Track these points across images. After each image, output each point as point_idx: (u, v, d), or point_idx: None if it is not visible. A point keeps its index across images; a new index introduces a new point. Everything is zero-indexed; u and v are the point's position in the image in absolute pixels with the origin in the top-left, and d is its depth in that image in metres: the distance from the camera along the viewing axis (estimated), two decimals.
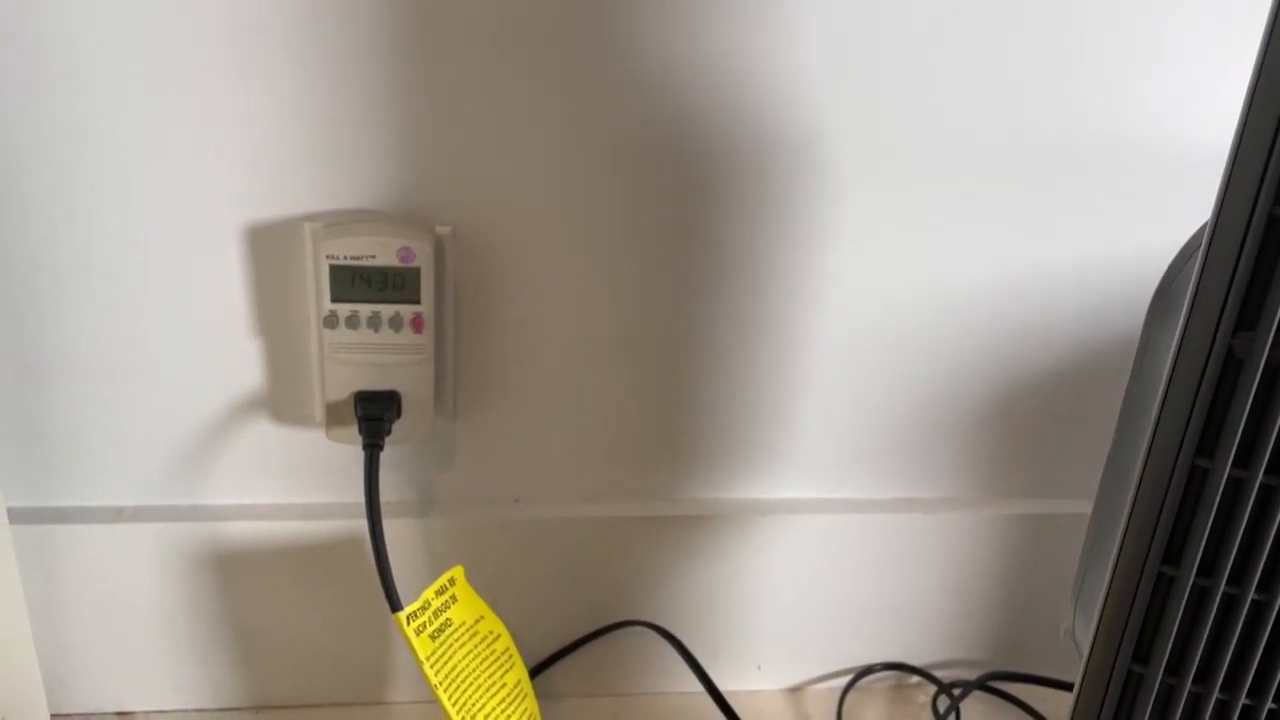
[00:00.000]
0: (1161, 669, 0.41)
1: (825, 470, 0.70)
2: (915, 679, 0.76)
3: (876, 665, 0.75)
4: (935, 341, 0.67)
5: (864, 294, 0.65)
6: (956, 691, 0.73)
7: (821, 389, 0.67)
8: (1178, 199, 0.64)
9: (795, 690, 0.75)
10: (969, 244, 0.64)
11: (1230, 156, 0.35)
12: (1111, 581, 0.41)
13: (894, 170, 0.62)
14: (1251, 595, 0.38)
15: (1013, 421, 0.70)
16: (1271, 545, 0.38)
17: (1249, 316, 0.35)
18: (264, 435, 0.64)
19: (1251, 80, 0.34)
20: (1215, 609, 0.39)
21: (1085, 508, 0.72)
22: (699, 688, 0.70)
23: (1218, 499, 0.38)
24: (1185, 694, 0.41)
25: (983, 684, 0.74)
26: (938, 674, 0.75)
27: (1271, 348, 0.35)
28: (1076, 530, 0.72)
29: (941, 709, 0.73)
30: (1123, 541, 0.40)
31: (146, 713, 0.69)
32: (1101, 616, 0.42)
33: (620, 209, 0.61)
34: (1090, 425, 0.71)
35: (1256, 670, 0.40)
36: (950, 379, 0.68)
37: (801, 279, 0.64)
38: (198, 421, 0.63)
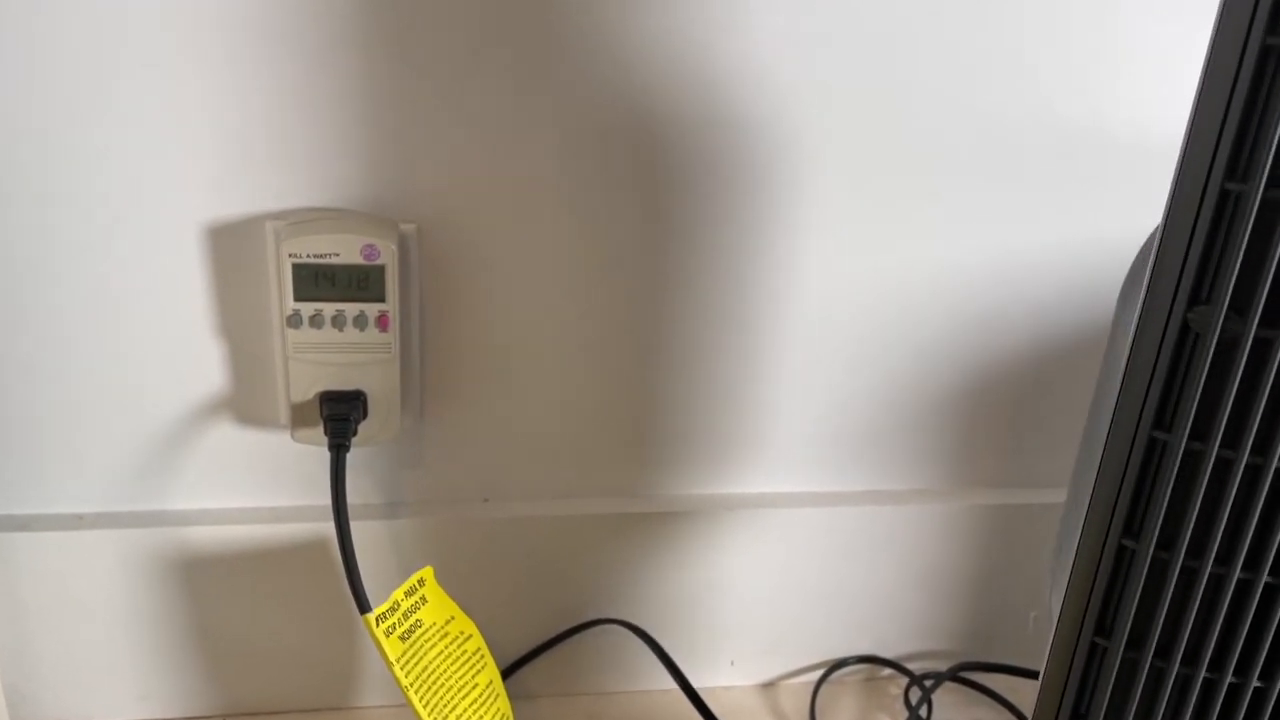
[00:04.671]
0: (1123, 642, 0.41)
1: (795, 464, 0.70)
2: (887, 671, 0.76)
3: (849, 658, 0.75)
4: (903, 333, 0.67)
5: (830, 287, 0.65)
6: (928, 683, 0.73)
7: (789, 383, 0.67)
8: (1143, 188, 0.65)
9: (769, 685, 0.75)
10: (933, 236, 0.64)
11: (1185, 134, 0.35)
12: (1076, 556, 0.42)
13: (858, 162, 0.62)
14: (1210, 568, 0.39)
15: (981, 412, 0.70)
16: (1230, 518, 0.38)
17: (1203, 290, 0.36)
18: (228, 438, 0.63)
19: (1205, 59, 0.34)
20: (1174, 582, 0.40)
21: (1054, 497, 0.73)
22: (673, 685, 0.70)
23: (1175, 472, 0.38)
24: (1147, 667, 0.41)
25: (954, 675, 0.75)
26: (910, 666, 0.75)
27: (1225, 321, 0.36)
28: (1046, 520, 0.73)
29: (913, 700, 0.73)
30: (1087, 516, 0.41)
31: None
32: (1068, 591, 0.42)
33: (586, 205, 0.61)
34: (1058, 415, 0.71)
35: (1217, 643, 0.40)
36: (918, 370, 0.68)
37: (767, 273, 0.64)
38: (160, 425, 0.62)
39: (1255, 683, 0.41)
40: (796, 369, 0.67)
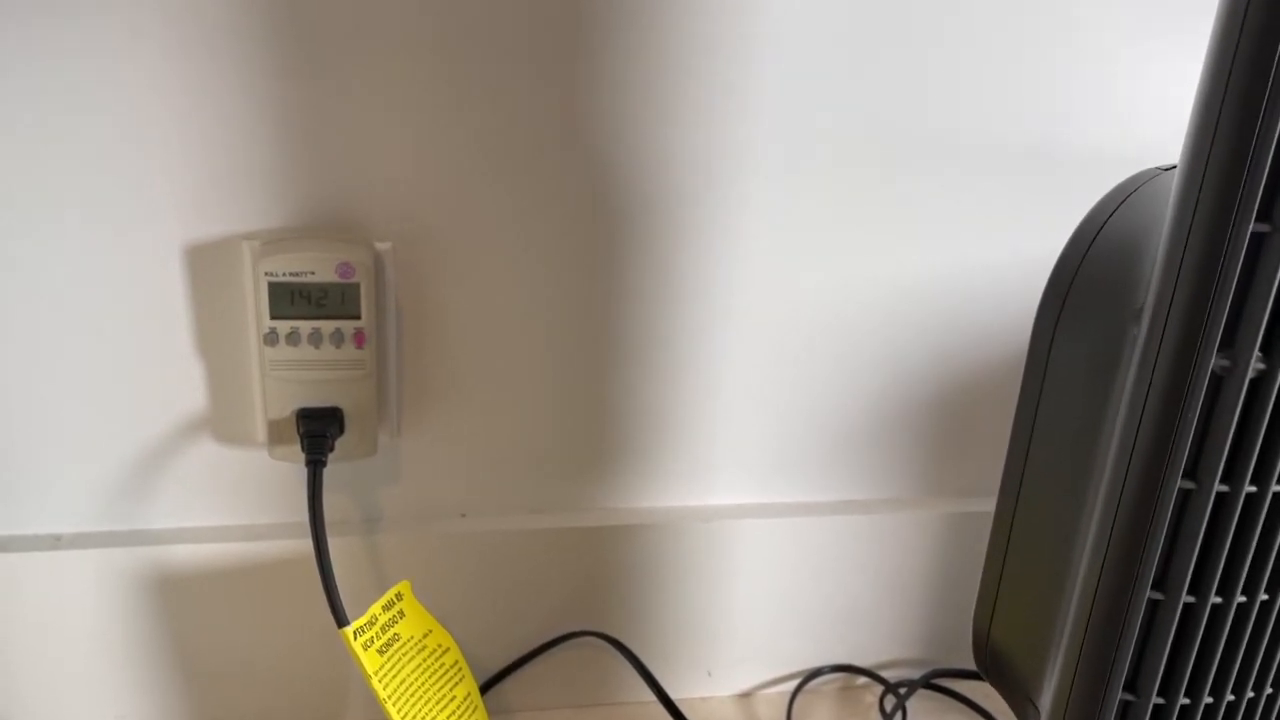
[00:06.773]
0: (1153, 694, 0.40)
1: (768, 475, 0.71)
2: (862, 680, 0.77)
3: (824, 668, 0.76)
4: (873, 344, 0.68)
5: (797, 300, 0.66)
6: (902, 690, 0.74)
7: (760, 396, 0.68)
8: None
9: (745, 695, 0.76)
10: (901, 245, 0.66)
11: (1185, 173, 0.34)
12: (1091, 611, 0.40)
13: (817, 170, 0.63)
14: (1236, 602, 0.39)
15: (950, 421, 0.72)
16: (1256, 554, 0.38)
17: (1228, 335, 0.35)
18: (206, 456, 0.64)
19: (1208, 89, 0.33)
20: (1204, 625, 0.39)
21: None
22: (651, 697, 0.70)
23: (1206, 518, 0.37)
24: (1177, 710, 0.40)
25: (927, 682, 0.76)
26: (884, 674, 0.76)
27: (1243, 364, 0.35)
28: None
29: (888, 708, 0.74)
30: (1102, 569, 0.39)
31: None
32: (1082, 650, 0.41)
33: (557, 224, 0.62)
34: None
35: (1239, 671, 0.40)
36: (888, 380, 0.70)
37: (736, 288, 0.65)
38: (137, 444, 0.63)
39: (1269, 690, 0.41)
40: (767, 382, 0.68)
